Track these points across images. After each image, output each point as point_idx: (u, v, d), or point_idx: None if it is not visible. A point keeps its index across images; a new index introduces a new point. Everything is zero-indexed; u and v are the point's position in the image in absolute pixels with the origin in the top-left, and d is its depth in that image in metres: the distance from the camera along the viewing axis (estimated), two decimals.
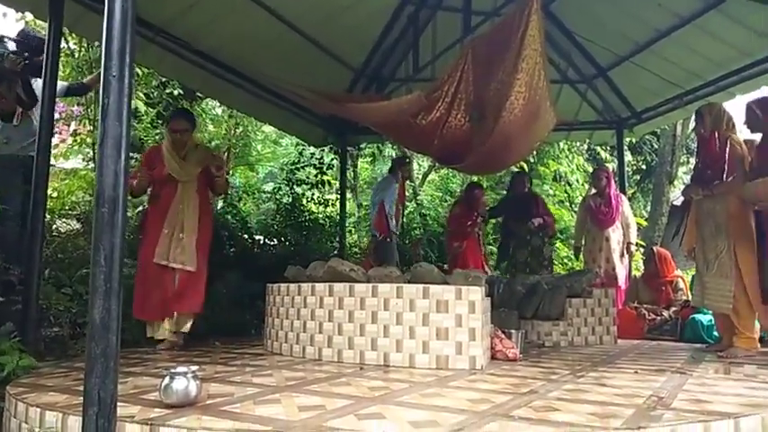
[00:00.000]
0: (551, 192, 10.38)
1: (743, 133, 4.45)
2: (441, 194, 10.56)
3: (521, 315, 4.98)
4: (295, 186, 7.74)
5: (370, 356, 3.64)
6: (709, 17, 5.58)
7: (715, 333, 5.08)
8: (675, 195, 12.35)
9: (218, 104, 10.17)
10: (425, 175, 13.34)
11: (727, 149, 4.15)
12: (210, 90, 6.61)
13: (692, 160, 9.76)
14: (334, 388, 2.85)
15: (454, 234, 7.02)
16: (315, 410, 2.34)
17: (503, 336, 4.07)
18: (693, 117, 5.13)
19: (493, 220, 8.07)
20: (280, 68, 5.90)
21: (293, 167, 8.15)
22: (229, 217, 7.08)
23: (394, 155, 11.77)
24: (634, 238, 6.72)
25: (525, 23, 4.38)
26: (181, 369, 2.37)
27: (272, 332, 4.33)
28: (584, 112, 7.73)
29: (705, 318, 5.29)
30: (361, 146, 10.29)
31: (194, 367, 2.42)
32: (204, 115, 10.18)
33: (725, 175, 4.16)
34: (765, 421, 2.34)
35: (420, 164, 13.99)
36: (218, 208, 7.40)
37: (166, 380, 2.35)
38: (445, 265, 6.64)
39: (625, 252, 6.58)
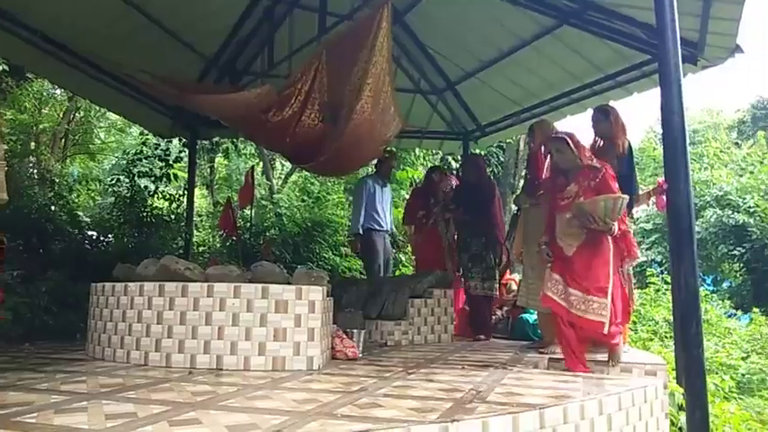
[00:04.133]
0: (407, 197, 10.70)
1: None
2: (299, 195, 10.44)
3: (366, 315, 5.05)
4: (137, 178, 7.20)
5: (202, 360, 3.45)
6: (545, 41, 6.07)
7: (539, 331, 5.53)
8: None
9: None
10: (287, 176, 13.15)
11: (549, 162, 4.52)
12: (41, 69, 5.95)
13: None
14: (153, 394, 2.66)
15: (413, 226, 6.55)
16: (124, 419, 2.15)
17: (343, 335, 4.09)
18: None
19: None
20: (121, 51, 5.46)
21: (135, 158, 7.57)
22: (55, 209, 6.40)
23: (253, 151, 11.46)
24: None
25: (376, 30, 4.46)
26: None
27: (95, 336, 3.96)
28: (436, 122, 8.08)
29: (531, 317, 5.74)
30: (216, 140, 9.87)
31: None
32: (33, 96, 9.17)
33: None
34: (567, 411, 2.56)
35: (282, 164, 13.77)
36: (45, 199, 6.67)
37: None
38: (300, 267, 6.49)
39: None
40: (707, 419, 2.70)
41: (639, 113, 29.93)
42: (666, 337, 7.60)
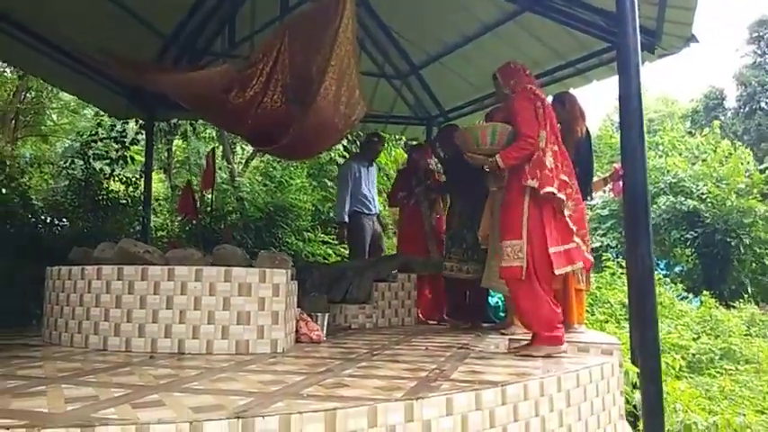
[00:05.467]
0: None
1: None
2: (261, 179, 10.31)
3: (330, 299, 5.04)
4: (92, 161, 6.98)
5: (163, 344, 3.39)
6: (508, 28, 6.13)
7: (501, 313, 5.64)
8: None
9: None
10: (249, 160, 12.94)
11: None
12: None
13: None
14: (114, 378, 2.61)
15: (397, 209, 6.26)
16: (84, 401, 2.10)
17: (308, 319, 4.08)
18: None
19: None
20: (73, 26, 5.26)
21: (90, 140, 7.33)
22: (6, 192, 6.16)
23: (214, 134, 11.23)
24: None
25: (340, 11, 4.41)
26: None
27: (52, 321, 3.84)
28: (400, 106, 8.08)
29: (493, 300, 5.84)
30: (174, 122, 9.64)
31: None
32: None
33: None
34: (528, 388, 2.62)
35: (243, 148, 13.53)
36: None
37: None
38: (263, 251, 6.31)
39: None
40: (661, 396, 2.81)
41: (598, 101, 30.63)
42: (622, 319, 7.85)
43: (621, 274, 9.51)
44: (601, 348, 3.78)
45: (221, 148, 10.69)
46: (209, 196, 6.83)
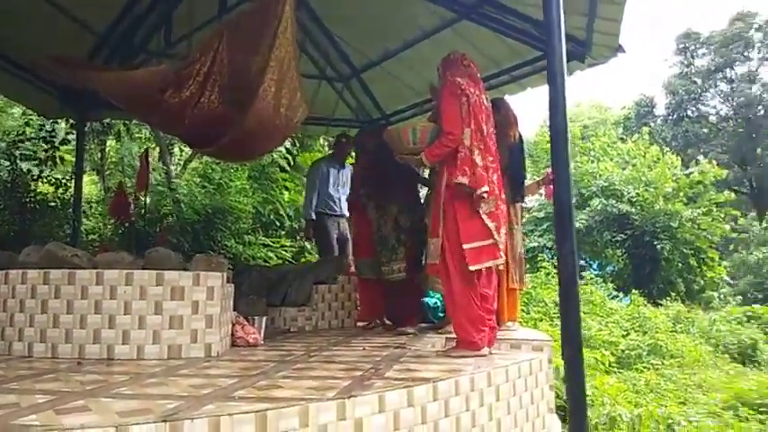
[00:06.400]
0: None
1: None
2: (200, 181, 10.09)
3: (270, 302, 5.01)
4: (19, 162, 6.66)
5: (92, 350, 3.29)
6: (446, 35, 6.25)
7: (441, 314, 5.74)
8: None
9: None
10: (187, 162, 12.62)
11: None
12: None
13: None
14: (38, 385, 2.52)
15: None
16: (5, 409, 2.03)
17: (244, 322, 4.04)
18: None
19: None
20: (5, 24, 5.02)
21: (17, 139, 6.99)
22: None
23: (149, 134, 10.91)
24: None
25: (279, 13, 4.41)
26: None
27: None
28: (342, 110, 8.09)
29: (431, 300, 5.94)
30: (108, 122, 9.31)
31: None
32: None
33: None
34: (459, 383, 2.70)
35: (182, 149, 13.20)
36: None
37: None
38: (199, 254, 6.11)
39: None
40: (583, 391, 2.94)
41: (535, 108, 31.54)
42: (555, 317, 8.13)
43: (556, 273, 9.85)
44: (532, 345, 3.92)
45: (157, 149, 10.41)
46: (144, 198, 6.65)
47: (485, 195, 3.49)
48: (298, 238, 9.02)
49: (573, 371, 2.83)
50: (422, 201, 5.30)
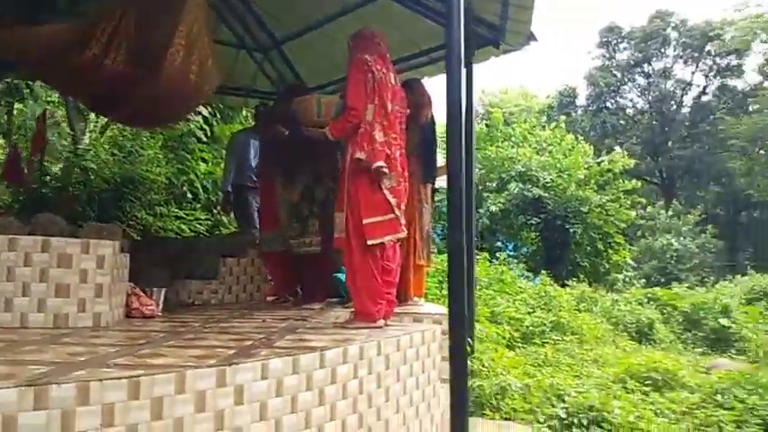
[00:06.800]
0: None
1: None
2: (109, 148, 9.61)
3: (174, 274, 4.90)
4: None
5: None
6: (369, 10, 6.22)
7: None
8: None
9: None
10: (104, 129, 11.96)
11: None
12: None
13: None
14: None
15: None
16: None
17: (141, 293, 3.95)
18: None
19: None
20: None
21: None
22: None
23: (57, 97, 10.26)
24: None
25: None
26: None
27: None
28: (263, 81, 7.93)
29: (343, 276, 5.99)
30: (15, 83, 8.71)
31: None
32: None
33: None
34: (347, 352, 2.76)
35: (97, 117, 12.50)
36: None
37: None
38: (92, 222, 5.64)
39: None
40: (466, 366, 3.05)
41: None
42: None
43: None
44: (433, 318, 4.07)
45: (65, 112, 9.83)
46: (40, 162, 6.27)
47: (385, 171, 3.55)
48: (215, 211, 8.81)
49: (456, 347, 2.95)
50: None
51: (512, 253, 13.72)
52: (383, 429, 2.95)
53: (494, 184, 14.07)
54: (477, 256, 10.56)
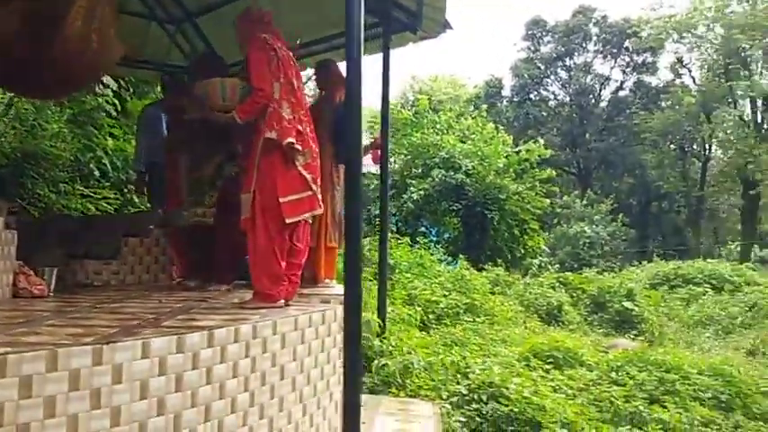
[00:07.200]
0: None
1: None
2: (8, 121, 8.99)
3: (70, 253, 4.68)
4: None
5: None
6: None
7: None
8: None
9: None
10: (11, 102, 11.14)
11: None
12: None
13: None
14: None
15: None
16: None
17: (30, 272, 3.75)
18: None
19: None
20: None
21: None
22: None
23: None
24: None
25: None
26: None
27: None
28: (178, 55, 7.63)
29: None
30: None
31: None
32: None
33: None
34: (239, 331, 2.74)
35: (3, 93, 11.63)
36: None
37: None
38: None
39: None
40: (359, 348, 3.07)
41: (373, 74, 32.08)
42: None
43: (391, 238, 10.31)
44: (340, 300, 4.08)
45: None
46: None
47: (298, 147, 3.53)
48: (125, 190, 8.44)
49: (350, 331, 2.99)
50: None
51: (435, 238, 14.00)
52: (277, 407, 2.96)
53: (419, 170, 14.26)
54: (400, 241, 10.72)
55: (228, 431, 2.64)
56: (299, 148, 3.50)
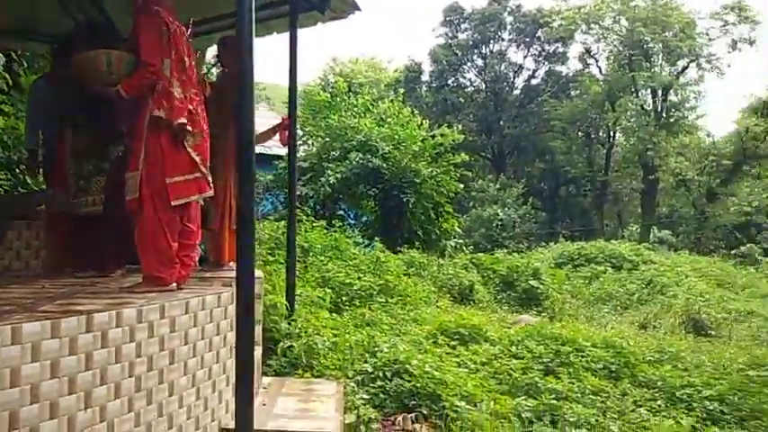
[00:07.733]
0: None
1: None
2: None
3: None
4: None
5: None
6: None
7: None
8: None
9: None
10: None
11: None
12: None
13: None
14: None
15: None
16: None
17: None
18: None
19: None
20: None
21: None
22: None
23: None
24: None
25: None
26: None
27: None
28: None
29: None
30: None
31: None
32: None
33: None
34: (122, 315, 2.65)
35: None
36: None
37: None
38: None
39: None
40: (252, 327, 3.04)
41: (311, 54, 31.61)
42: (298, 261, 8.45)
43: (306, 221, 10.26)
44: None
45: None
46: None
47: (188, 128, 3.44)
48: (17, 170, 7.89)
49: (243, 311, 2.96)
50: None
51: (353, 221, 14.02)
52: (167, 392, 2.90)
53: (336, 153, 14.18)
54: (315, 224, 10.67)
55: (113, 417, 2.58)
56: (191, 129, 3.41)
